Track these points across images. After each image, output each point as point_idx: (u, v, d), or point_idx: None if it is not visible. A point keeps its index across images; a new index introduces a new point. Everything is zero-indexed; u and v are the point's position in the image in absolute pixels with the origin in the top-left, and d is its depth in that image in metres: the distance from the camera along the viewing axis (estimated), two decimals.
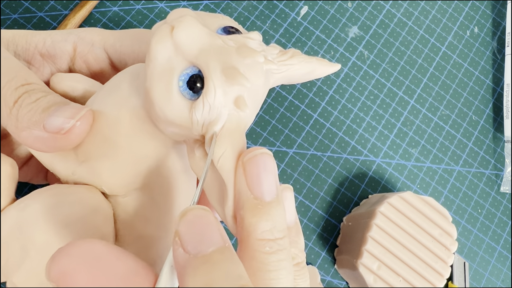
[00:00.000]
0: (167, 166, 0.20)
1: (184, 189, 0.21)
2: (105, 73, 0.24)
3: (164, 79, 0.16)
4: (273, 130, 0.36)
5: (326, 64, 0.19)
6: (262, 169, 0.16)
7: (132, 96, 0.19)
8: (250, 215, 0.15)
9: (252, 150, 0.16)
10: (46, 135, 0.17)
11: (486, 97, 0.41)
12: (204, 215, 0.14)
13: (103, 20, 0.35)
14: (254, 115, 0.18)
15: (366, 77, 0.38)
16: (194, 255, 0.14)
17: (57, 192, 0.19)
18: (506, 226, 0.38)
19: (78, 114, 0.18)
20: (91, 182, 0.19)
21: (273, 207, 0.16)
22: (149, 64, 0.17)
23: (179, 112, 0.16)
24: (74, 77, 0.22)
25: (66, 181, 0.20)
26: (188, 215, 0.14)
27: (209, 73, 0.16)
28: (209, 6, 0.37)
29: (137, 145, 0.19)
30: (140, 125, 0.18)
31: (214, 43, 0.17)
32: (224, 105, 0.16)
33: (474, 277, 0.36)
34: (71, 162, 0.19)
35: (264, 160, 0.16)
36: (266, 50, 0.18)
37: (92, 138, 0.19)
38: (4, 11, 0.33)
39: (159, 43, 0.16)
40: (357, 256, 0.30)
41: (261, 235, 0.15)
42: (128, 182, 0.19)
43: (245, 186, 0.16)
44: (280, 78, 0.18)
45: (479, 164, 0.39)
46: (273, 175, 0.16)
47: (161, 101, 0.16)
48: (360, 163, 0.37)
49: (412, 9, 0.41)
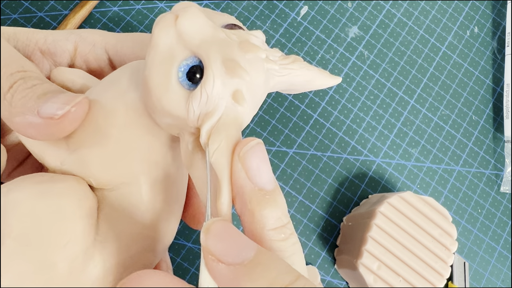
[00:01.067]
0: (159, 162, 0.19)
1: (175, 187, 0.20)
2: (104, 72, 0.24)
3: (163, 67, 0.16)
4: (273, 130, 0.36)
5: (327, 76, 0.19)
6: (260, 160, 0.16)
7: (131, 89, 0.18)
8: (260, 208, 0.15)
9: (246, 142, 0.16)
10: (39, 120, 0.17)
11: (486, 97, 0.41)
12: (227, 225, 0.15)
13: (103, 20, 0.35)
14: (252, 113, 0.17)
15: (366, 77, 0.38)
16: (240, 263, 0.14)
17: (44, 180, 0.18)
18: (506, 226, 0.38)
19: (74, 101, 0.17)
20: (79, 173, 0.19)
21: (277, 194, 0.16)
22: (150, 51, 0.16)
23: (176, 102, 0.16)
24: (75, 72, 0.21)
25: (53, 171, 0.20)
26: (213, 229, 0.14)
27: (209, 62, 0.16)
28: (209, 6, 0.37)
29: (130, 137, 0.18)
30: (135, 118, 0.18)
31: (217, 35, 0.17)
32: (222, 97, 0.16)
33: (474, 277, 0.36)
34: (61, 151, 0.19)
35: (260, 150, 0.16)
36: (269, 51, 0.18)
37: (85, 127, 0.18)
38: (4, 11, 0.33)
39: (162, 30, 0.16)
40: (357, 256, 0.30)
41: (274, 223, 0.15)
42: (116, 174, 0.19)
43: (246, 180, 0.16)
44: (280, 82, 0.18)
45: (479, 164, 0.39)
46: (268, 162, 0.16)
47: (158, 89, 0.16)
48: (360, 163, 0.37)
49: (412, 9, 0.41)
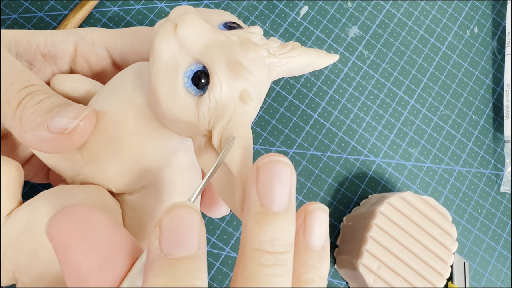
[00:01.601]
0: (174, 162, 0.20)
1: (191, 185, 0.21)
2: (107, 72, 0.24)
3: (169, 76, 0.16)
4: (273, 130, 0.36)
5: (324, 55, 0.20)
6: (275, 177, 0.15)
7: (136, 94, 0.19)
8: (251, 222, 0.15)
9: (270, 156, 0.15)
10: (50, 135, 0.17)
11: (486, 97, 0.41)
12: (190, 215, 0.14)
13: (103, 20, 0.35)
14: (258, 108, 0.18)
15: (366, 77, 0.38)
16: (165, 254, 0.14)
17: (65, 192, 0.19)
18: (506, 226, 0.38)
19: (82, 114, 0.18)
20: (98, 181, 0.19)
21: (279, 218, 0.15)
22: (153, 62, 0.17)
23: (185, 109, 0.17)
24: (74, 77, 0.22)
25: (72, 181, 0.20)
26: (176, 210, 0.14)
27: (214, 68, 0.16)
28: (209, 6, 0.37)
29: (143, 143, 0.19)
30: (145, 123, 0.18)
31: (217, 38, 0.17)
32: (230, 100, 0.16)
33: (474, 277, 0.36)
34: (76, 163, 0.19)
35: (278, 168, 0.15)
36: (268, 44, 0.18)
37: (97, 138, 0.19)
38: (4, 11, 0.33)
39: (163, 41, 0.16)
40: (357, 256, 0.30)
41: (259, 245, 0.14)
42: (134, 180, 0.19)
43: (254, 191, 0.15)
44: (281, 71, 0.18)
45: (479, 164, 0.39)
46: (287, 186, 0.15)
47: (167, 99, 0.16)
48: (360, 163, 0.37)
49: (412, 9, 0.41)
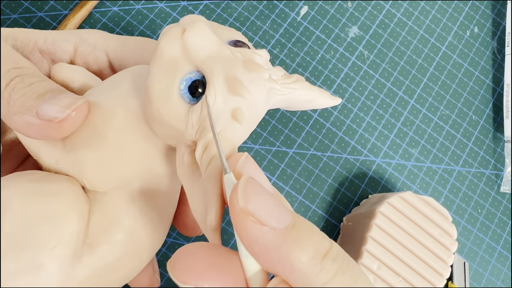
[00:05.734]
0: (154, 169, 0.19)
1: (167, 195, 0.20)
2: (104, 74, 0.24)
3: (166, 78, 0.16)
4: (273, 130, 0.36)
5: (327, 96, 0.19)
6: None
7: (131, 95, 0.18)
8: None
9: (238, 157, 0.15)
10: (38, 122, 0.17)
11: (486, 97, 0.41)
12: (260, 185, 0.13)
13: (103, 20, 0.35)
14: (250, 131, 0.17)
15: (366, 77, 0.38)
16: (286, 228, 0.13)
17: (38, 178, 0.18)
18: (506, 226, 0.38)
19: (74, 105, 0.17)
20: (73, 174, 0.19)
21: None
22: (154, 61, 0.17)
23: (175, 114, 0.16)
24: (76, 69, 0.21)
25: (48, 170, 0.19)
26: (254, 189, 0.13)
27: (212, 79, 0.16)
28: (209, 6, 0.37)
29: (126, 141, 0.18)
30: (133, 124, 0.18)
31: (222, 52, 0.17)
32: (222, 114, 0.16)
33: (474, 277, 0.36)
34: (57, 150, 0.19)
35: (259, 181, 0.14)
36: (272, 70, 0.18)
37: (83, 128, 0.18)
38: (4, 11, 0.33)
39: (168, 42, 0.16)
40: (357, 256, 0.30)
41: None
42: (110, 177, 0.19)
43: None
44: (280, 100, 0.18)
45: (479, 164, 0.39)
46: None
47: (159, 99, 0.16)
48: (360, 163, 0.37)
49: (412, 9, 0.41)
